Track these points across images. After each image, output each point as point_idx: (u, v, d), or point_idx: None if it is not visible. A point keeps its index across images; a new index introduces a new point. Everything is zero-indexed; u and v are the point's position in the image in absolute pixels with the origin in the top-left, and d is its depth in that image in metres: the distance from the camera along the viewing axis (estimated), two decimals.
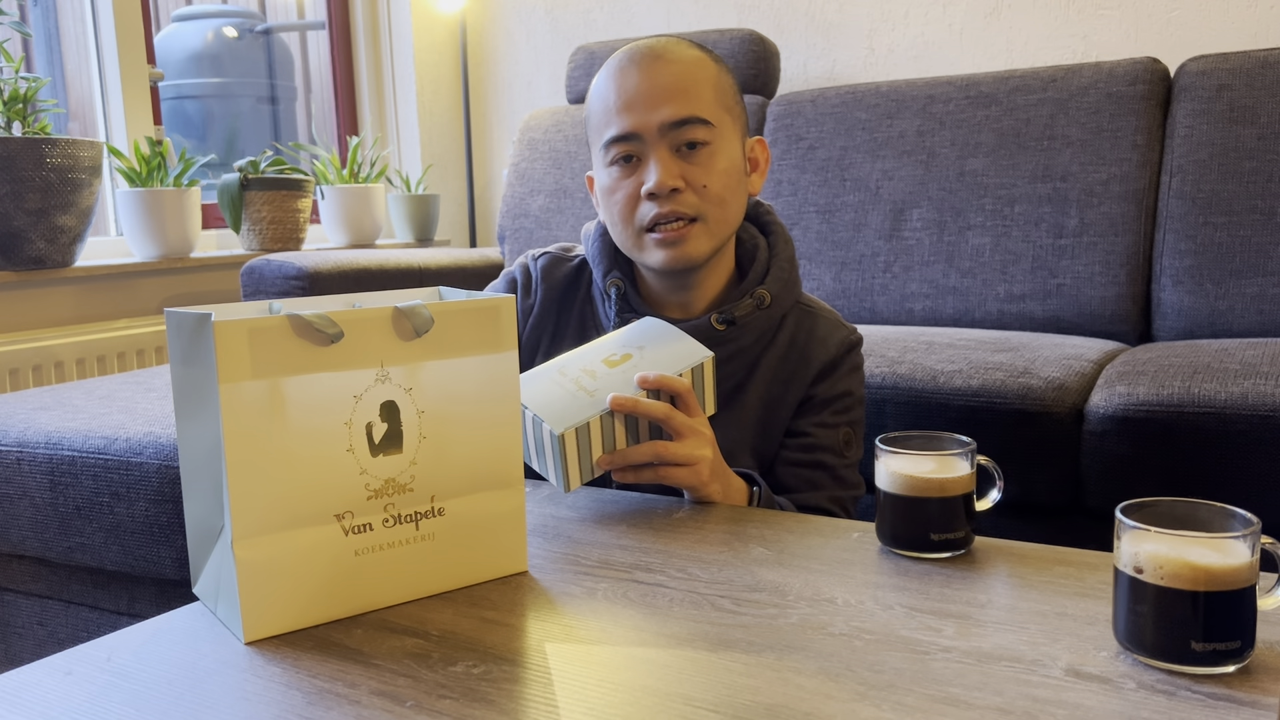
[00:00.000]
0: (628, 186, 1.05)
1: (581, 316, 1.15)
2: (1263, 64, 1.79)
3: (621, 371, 0.92)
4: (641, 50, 1.05)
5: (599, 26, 2.78)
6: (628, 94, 1.03)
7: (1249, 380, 1.28)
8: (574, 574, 0.77)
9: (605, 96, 1.05)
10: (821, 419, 1.09)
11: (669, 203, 1.02)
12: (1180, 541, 0.58)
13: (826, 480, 1.07)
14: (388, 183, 2.90)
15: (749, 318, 1.07)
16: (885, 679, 0.59)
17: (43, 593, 1.35)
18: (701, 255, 1.05)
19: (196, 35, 2.80)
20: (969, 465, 0.78)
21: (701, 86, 1.04)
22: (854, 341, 1.13)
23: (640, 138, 1.03)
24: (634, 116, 1.03)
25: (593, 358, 0.94)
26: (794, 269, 1.12)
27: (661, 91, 1.02)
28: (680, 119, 1.02)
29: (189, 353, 0.68)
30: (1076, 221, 1.85)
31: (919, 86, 2.08)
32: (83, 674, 0.63)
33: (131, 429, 1.24)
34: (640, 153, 1.04)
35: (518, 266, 1.20)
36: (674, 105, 1.02)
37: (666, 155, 1.02)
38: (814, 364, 1.09)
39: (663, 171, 1.02)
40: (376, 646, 0.65)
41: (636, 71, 1.03)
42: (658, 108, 1.02)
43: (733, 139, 1.07)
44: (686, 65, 1.04)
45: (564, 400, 0.89)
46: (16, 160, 1.82)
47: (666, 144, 1.03)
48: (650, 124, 1.02)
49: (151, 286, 2.21)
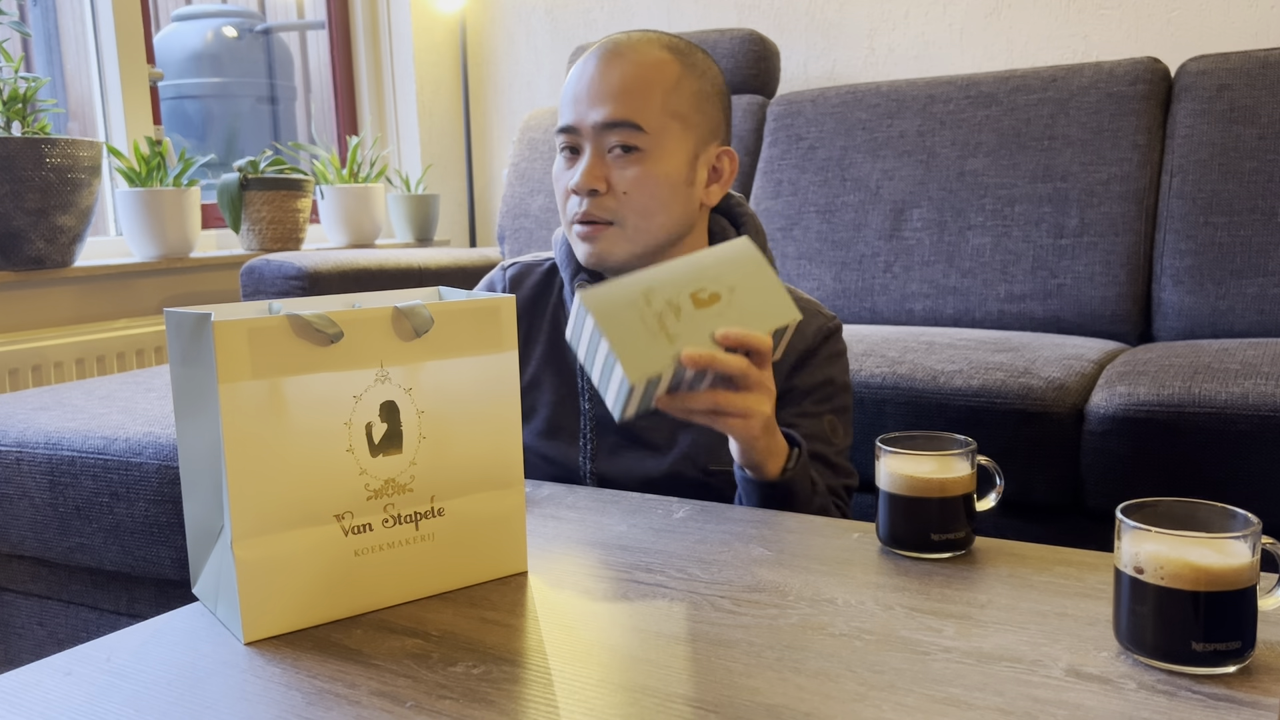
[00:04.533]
0: (566, 179, 1.06)
1: (555, 321, 1.15)
2: (1263, 64, 1.79)
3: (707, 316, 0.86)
4: (608, 44, 1.05)
5: (599, 26, 2.78)
6: (579, 86, 1.04)
7: (1249, 380, 1.28)
8: (574, 574, 0.77)
9: (568, 83, 1.07)
10: (803, 409, 1.08)
11: (587, 202, 1.03)
12: (1181, 542, 0.58)
13: (818, 468, 1.06)
14: (387, 183, 2.90)
15: None
16: (885, 679, 0.59)
17: (42, 593, 1.35)
18: (616, 259, 1.05)
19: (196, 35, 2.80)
20: (969, 465, 0.78)
21: (650, 90, 1.02)
22: (832, 329, 1.12)
23: (578, 131, 1.04)
24: (577, 110, 1.04)
25: (681, 288, 0.86)
26: (768, 256, 1.12)
27: (605, 90, 1.02)
28: (612, 121, 1.02)
29: (189, 353, 0.67)
30: (1077, 221, 1.85)
31: (919, 86, 2.08)
32: (82, 674, 0.63)
33: (131, 429, 1.24)
34: (579, 146, 1.05)
35: (488, 278, 1.22)
36: (611, 107, 1.02)
37: (595, 156, 1.03)
38: (792, 353, 1.09)
39: (585, 172, 1.03)
40: (376, 647, 0.65)
41: (594, 65, 1.04)
42: (596, 106, 1.03)
43: (676, 148, 1.04)
44: (641, 67, 1.03)
45: (643, 338, 0.83)
46: (16, 160, 1.82)
47: (598, 144, 1.03)
48: (586, 121, 1.03)
49: (151, 286, 2.21)
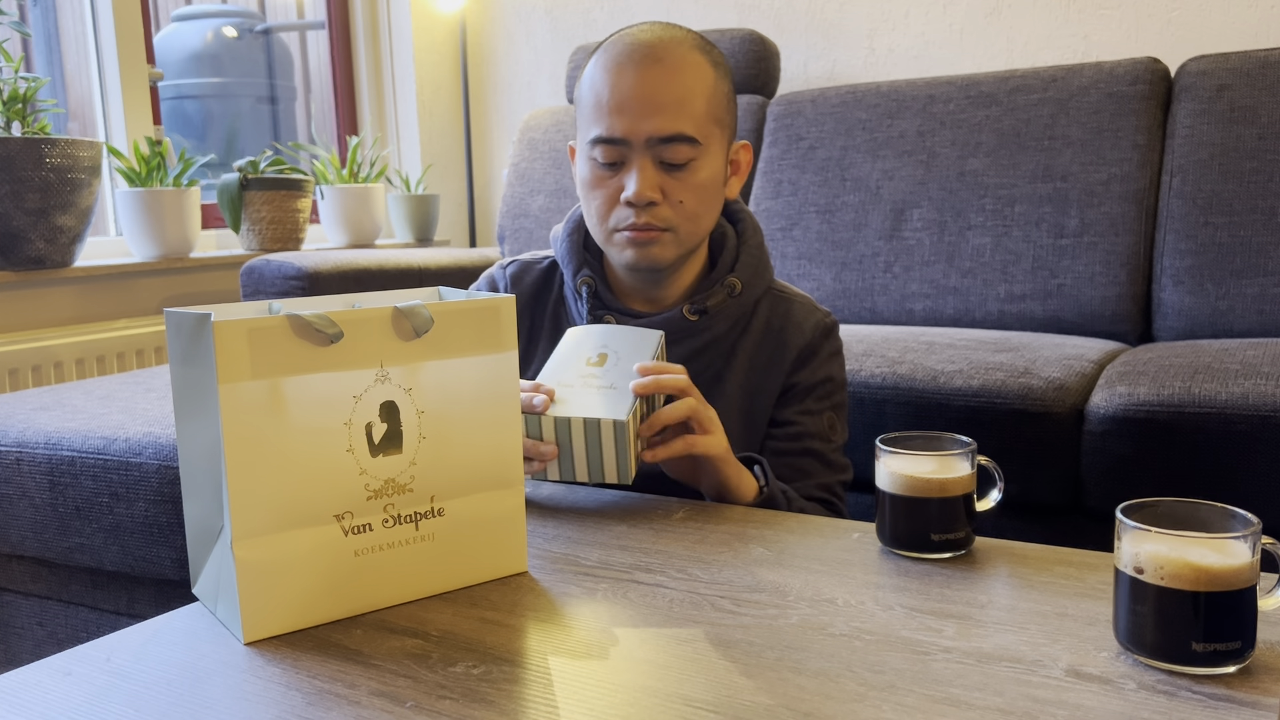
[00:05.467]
0: (608, 188, 1.05)
1: (556, 317, 1.15)
2: (1263, 64, 1.79)
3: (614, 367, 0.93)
4: (642, 48, 1.02)
5: (599, 26, 2.78)
6: (620, 96, 1.02)
7: (1249, 380, 1.28)
8: (574, 574, 0.77)
9: (599, 90, 1.03)
10: (805, 406, 1.10)
11: (644, 214, 1.03)
12: (1181, 542, 0.58)
13: (817, 467, 1.08)
14: (387, 183, 2.90)
15: (721, 306, 1.08)
16: (885, 679, 0.59)
17: (42, 593, 1.35)
18: (667, 261, 1.06)
19: (196, 35, 2.80)
20: (969, 465, 0.78)
21: (695, 99, 1.02)
22: (830, 325, 1.14)
23: (627, 143, 1.02)
24: (623, 122, 1.01)
25: (576, 365, 0.94)
26: (764, 255, 1.13)
27: (653, 102, 1.01)
28: (668, 135, 1.01)
29: (189, 353, 0.67)
30: (1077, 221, 1.85)
31: (919, 86, 2.07)
32: (82, 674, 0.63)
33: (131, 429, 1.24)
34: (624, 157, 1.03)
35: (485, 277, 1.21)
36: (664, 118, 1.01)
37: (649, 166, 1.02)
38: (791, 349, 1.10)
39: (642, 183, 1.01)
40: (376, 647, 0.65)
41: (634, 72, 1.01)
42: (648, 118, 1.01)
43: (718, 152, 1.06)
44: (684, 75, 1.02)
45: (597, 398, 0.89)
46: (16, 160, 1.82)
47: (651, 156, 1.02)
48: (638, 133, 1.01)
49: (151, 286, 2.21)
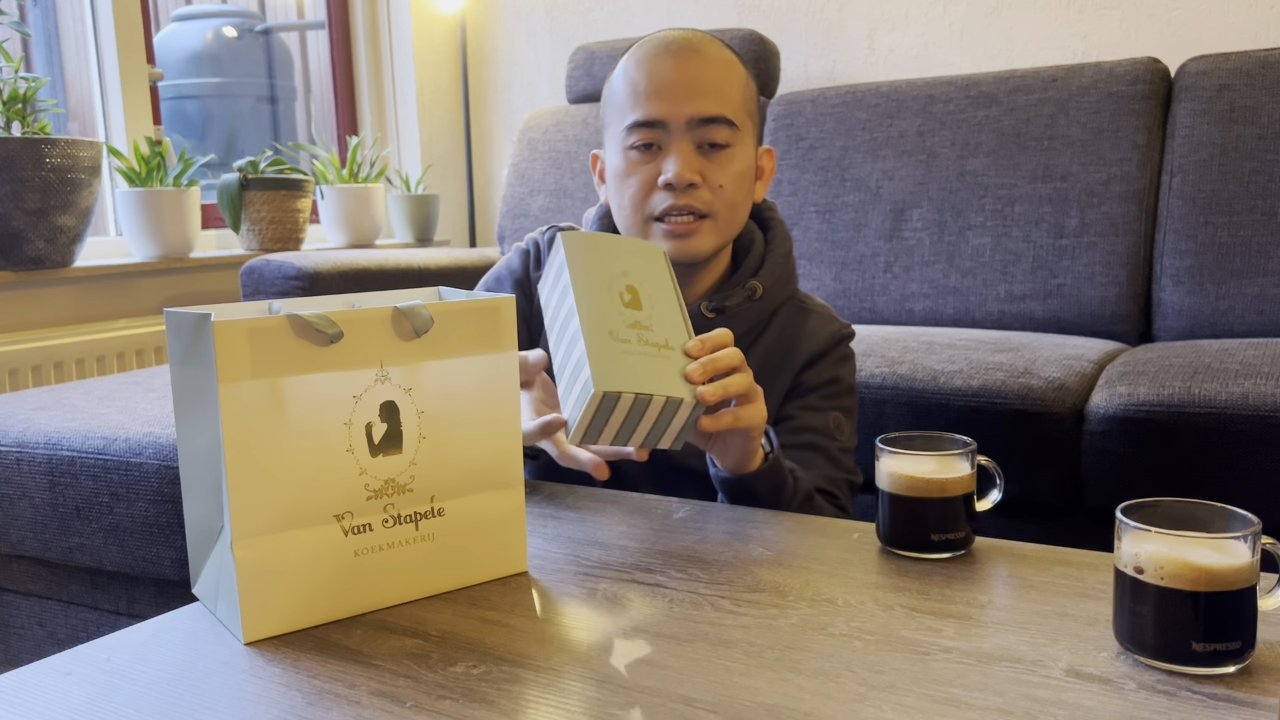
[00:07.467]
0: (644, 174, 1.05)
1: None
2: (1263, 64, 1.79)
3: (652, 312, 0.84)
4: (678, 41, 1.05)
5: (599, 26, 2.78)
6: (659, 81, 1.03)
7: (1249, 380, 1.28)
8: (574, 574, 0.77)
9: (634, 80, 1.05)
10: (807, 402, 1.09)
11: (684, 196, 1.03)
12: (1181, 542, 0.58)
13: (819, 460, 1.06)
14: (387, 183, 2.90)
15: (739, 308, 1.08)
16: (885, 679, 0.59)
17: (42, 593, 1.35)
18: (705, 252, 1.06)
19: (196, 35, 2.80)
20: (969, 465, 0.78)
21: (732, 88, 1.05)
22: (845, 334, 1.14)
23: (666, 126, 1.03)
24: (663, 104, 1.03)
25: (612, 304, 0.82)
26: (790, 264, 1.13)
27: (694, 85, 1.03)
28: (710, 116, 1.02)
29: (188, 353, 0.67)
30: (1077, 221, 1.85)
31: (919, 86, 2.07)
32: (82, 674, 0.63)
33: (131, 429, 1.24)
34: (662, 141, 1.04)
35: (528, 241, 1.18)
36: (705, 101, 1.02)
37: (689, 149, 1.03)
38: (801, 355, 1.10)
39: (683, 165, 1.02)
40: (376, 647, 0.65)
41: (671, 60, 1.03)
42: (689, 100, 1.02)
43: (750, 144, 1.08)
44: (720, 64, 1.05)
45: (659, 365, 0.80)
46: (16, 160, 1.82)
47: (691, 138, 1.03)
48: (679, 115, 1.02)
49: (151, 286, 2.21)
